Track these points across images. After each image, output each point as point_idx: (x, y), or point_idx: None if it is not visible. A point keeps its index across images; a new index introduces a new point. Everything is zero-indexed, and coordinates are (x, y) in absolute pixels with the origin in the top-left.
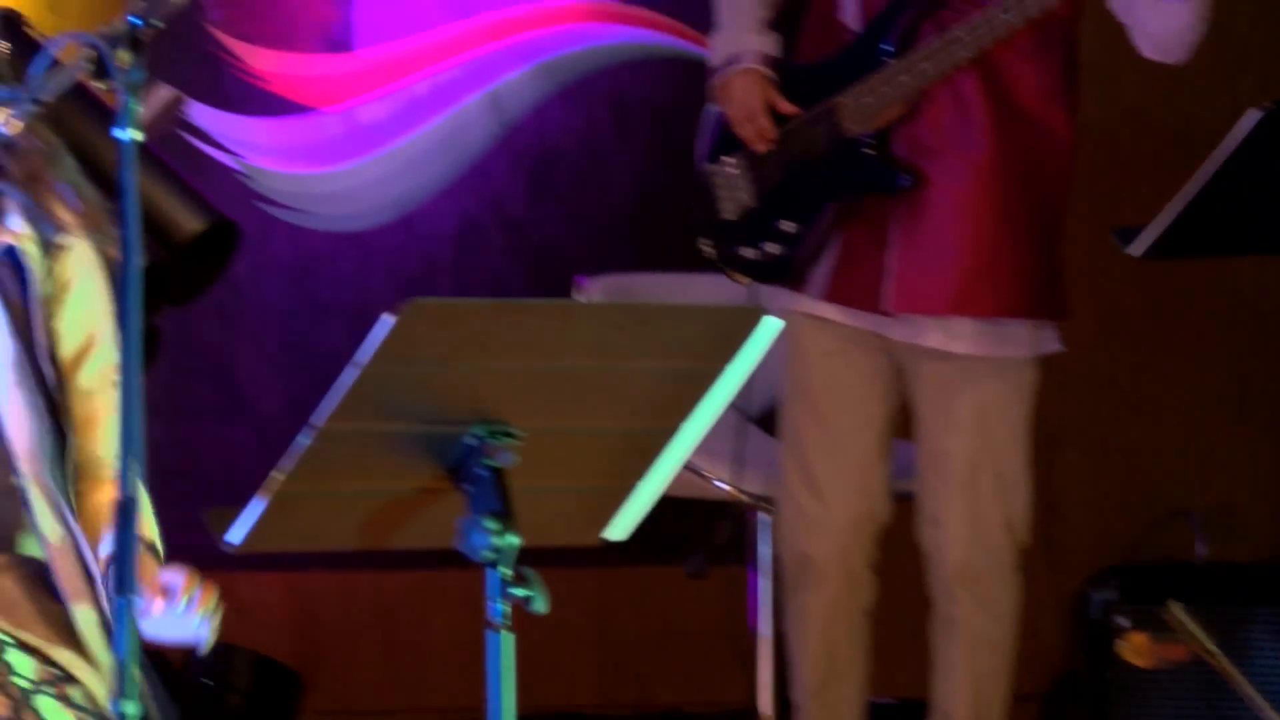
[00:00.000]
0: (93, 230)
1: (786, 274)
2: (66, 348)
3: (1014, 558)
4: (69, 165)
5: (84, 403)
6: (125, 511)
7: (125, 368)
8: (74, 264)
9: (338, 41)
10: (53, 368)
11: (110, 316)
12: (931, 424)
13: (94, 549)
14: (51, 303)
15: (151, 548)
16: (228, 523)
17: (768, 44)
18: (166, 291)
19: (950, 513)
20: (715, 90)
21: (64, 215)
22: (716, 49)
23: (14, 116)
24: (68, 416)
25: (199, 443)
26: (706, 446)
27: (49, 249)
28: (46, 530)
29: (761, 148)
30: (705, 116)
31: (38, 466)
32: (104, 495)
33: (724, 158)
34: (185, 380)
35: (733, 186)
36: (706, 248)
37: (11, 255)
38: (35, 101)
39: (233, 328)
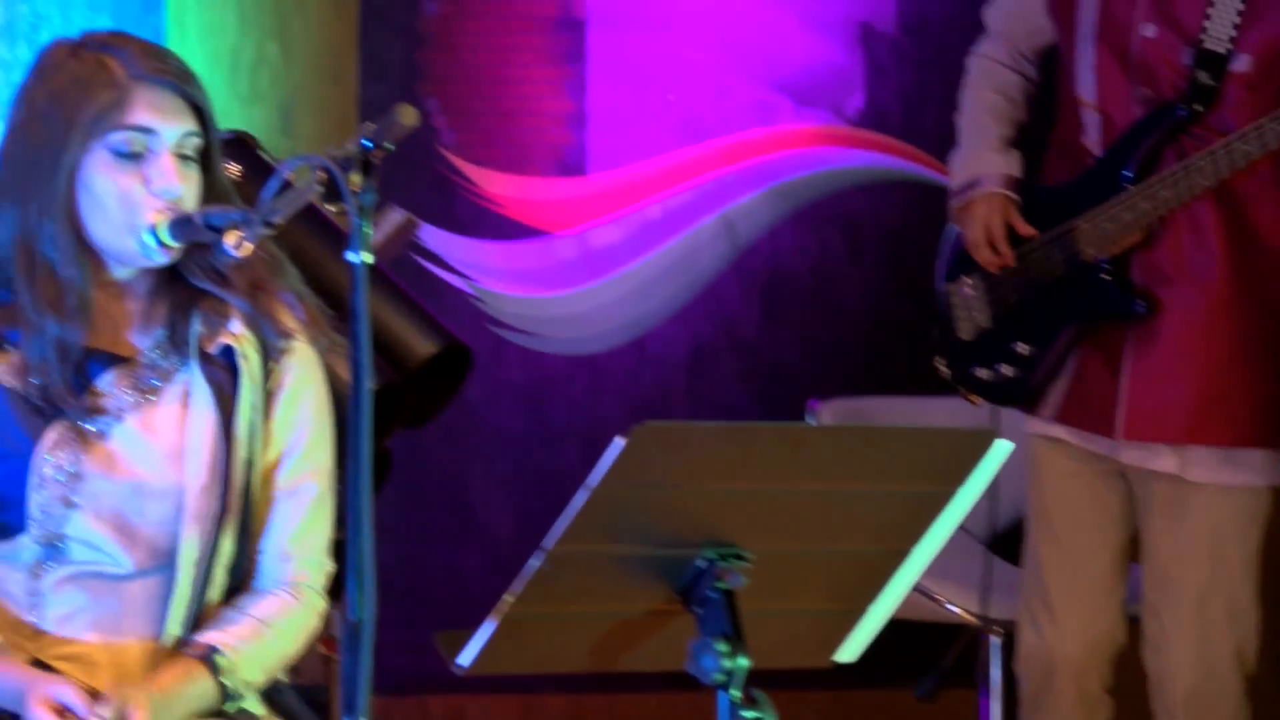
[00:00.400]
0: (316, 337)
1: (1020, 396)
2: (272, 449)
3: (1242, 686)
4: (292, 274)
5: (273, 504)
6: (354, 634)
7: (355, 490)
8: (293, 366)
9: (571, 166)
10: (247, 472)
11: (322, 421)
12: (1162, 549)
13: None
14: (266, 405)
15: (207, 656)
16: (458, 645)
17: (1010, 164)
18: (399, 414)
19: (1178, 640)
20: (955, 212)
21: (287, 322)
22: (957, 169)
23: (245, 239)
24: (244, 521)
25: (430, 565)
26: (937, 568)
27: (270, 352)
28: (170, 626)
29: (997, 272)
30: (945, 236)
31: (200, 571)
32: (249, 600)
33: (962, 278)
34: (417, 503)
35: (969, 307)
36: (942, 367)
37: (229, 356)
38: (267, 224)
39: (465, 450)
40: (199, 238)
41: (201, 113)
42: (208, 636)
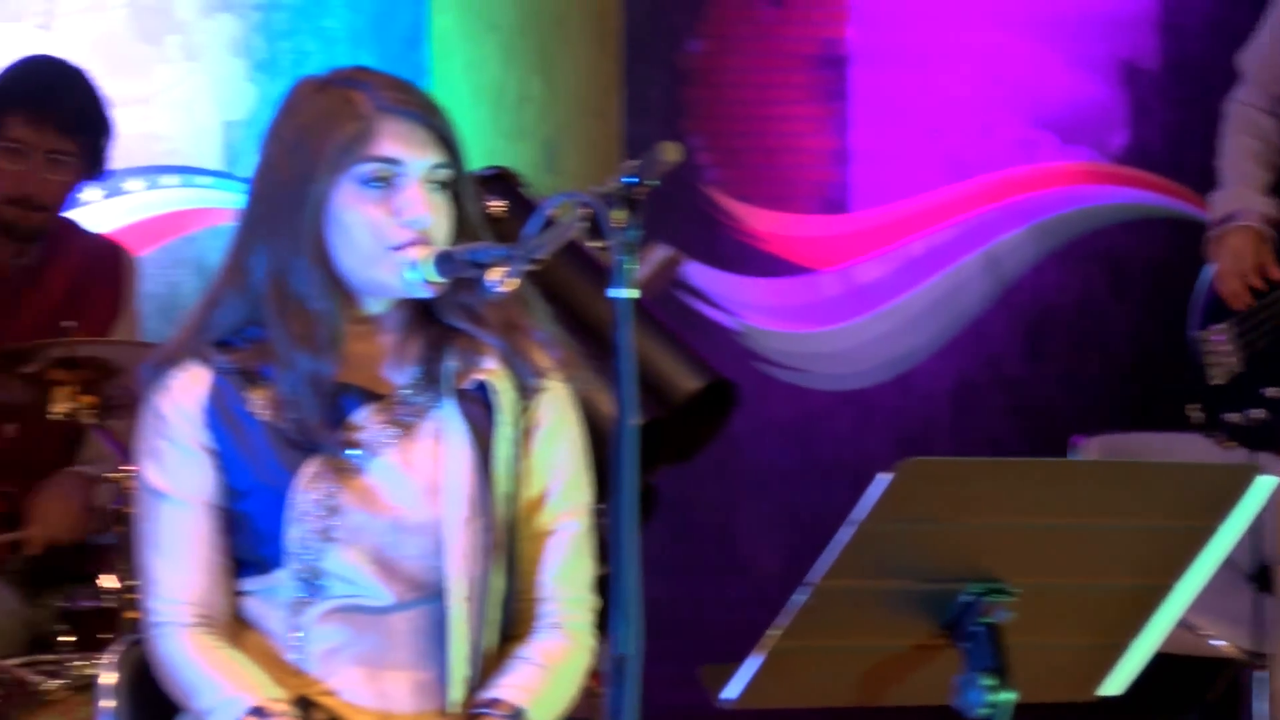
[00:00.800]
0: (570, 375)
1: (1272, 440)
2: (532, 488)
3: None
4: (541, 311)
5: (535, 543)
6: (620, 668)
7: (620, 525)
8: (548, 405)
9: (834, 202)
10: (509, 507)
11: (579, 460)
12: None
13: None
14: (522, 442)
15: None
16: (724, 679)
17: (1270, 205)
18: (664, 450)
19: None
20: (1210, 243)
21: (541, 361)
22: (1216, 206)
23: (509, 275)
24: (510, 558)
25: (696, 599)
26: (1201, 602)
27: (526, 391)
28: (455, 664)
29: (1238, 305)
30: (1199, 284)
31: (474, 606)
32: (531, 645)
33: (1212, 325)
34: (683, 537)
35: (1220, 353)
36: (1195, 413)
37: (483, 392)
38: (530, 260)
39: (731, 486)
40: (463, 273)
41: (450, 145)
42: (507, 692)
